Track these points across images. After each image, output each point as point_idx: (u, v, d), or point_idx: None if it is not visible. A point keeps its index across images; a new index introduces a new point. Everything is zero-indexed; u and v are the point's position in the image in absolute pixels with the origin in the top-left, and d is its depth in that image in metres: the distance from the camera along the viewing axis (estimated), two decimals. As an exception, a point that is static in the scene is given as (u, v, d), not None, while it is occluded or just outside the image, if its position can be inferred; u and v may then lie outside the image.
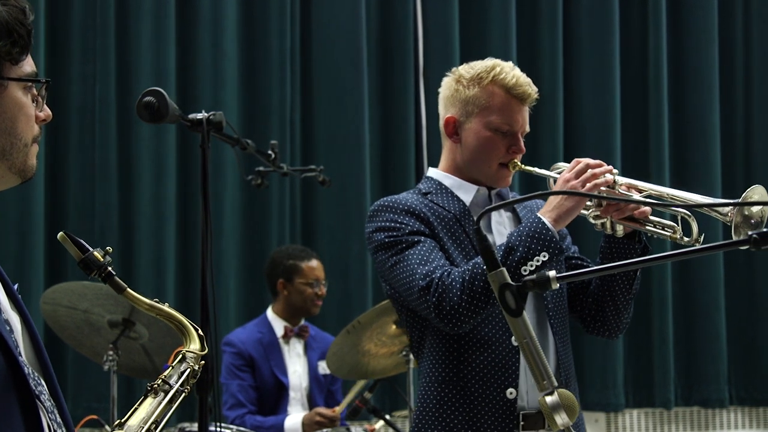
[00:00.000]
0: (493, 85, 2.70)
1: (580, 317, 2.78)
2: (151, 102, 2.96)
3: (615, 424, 6.42)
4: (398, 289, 2.64)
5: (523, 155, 2.75)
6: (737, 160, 6.66)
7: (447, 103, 2.77)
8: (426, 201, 2.71)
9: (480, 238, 1.70)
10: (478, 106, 2.70)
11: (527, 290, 1.67)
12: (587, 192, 2.53)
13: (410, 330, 2.71)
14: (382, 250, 2.66)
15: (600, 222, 2.63)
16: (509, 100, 2.70)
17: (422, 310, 2.58)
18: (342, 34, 5.98)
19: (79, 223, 5.47)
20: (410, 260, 2.59)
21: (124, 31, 5.61)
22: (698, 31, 6.59)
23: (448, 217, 2.69)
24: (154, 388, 1.71)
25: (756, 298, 6.57)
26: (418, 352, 2.71)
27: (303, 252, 4.92)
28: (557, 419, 1.64)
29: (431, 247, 2.61)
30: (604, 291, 2.70)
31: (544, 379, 1.66)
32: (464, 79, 2.73)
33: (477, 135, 2.71)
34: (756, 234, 1.58)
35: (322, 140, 5.96)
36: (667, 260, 1.64)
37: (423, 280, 2.54)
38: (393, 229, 2.65)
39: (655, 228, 2.58)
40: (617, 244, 2.65)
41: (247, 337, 4.78)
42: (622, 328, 2.76)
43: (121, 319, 3.87)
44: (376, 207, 2.72)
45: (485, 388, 2.59)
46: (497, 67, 2.72)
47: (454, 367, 2.61)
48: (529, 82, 2.73)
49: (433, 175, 2.80)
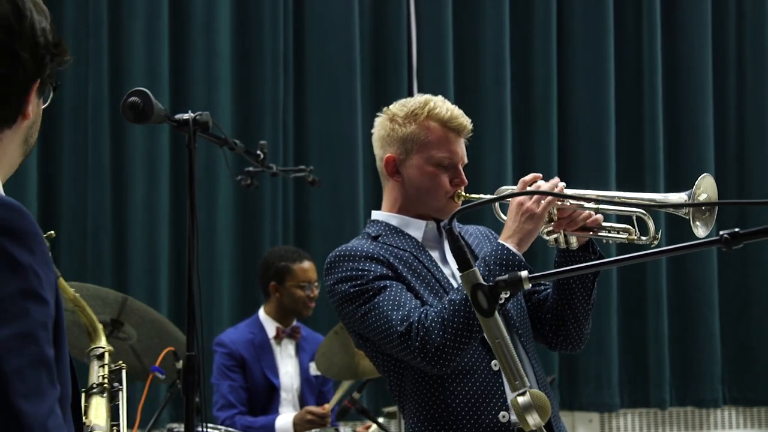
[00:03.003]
0: (429, 120, 2.68)
1: (541, 334, 2.77)
2: (136, 102, 2.95)
3: (609, 424, 6.42)
4: (374, 338, 2.59)
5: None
6: (730, 161, 6.66)
7: (384, 143, 2.75)
8: (379, 244, 2.67)
9: (452, 239, 1.70)
10: (417, 142, 2.69)
11: (499, 291, 1.67)
12: (542, 211, 2.52)
13: (387, 375, 2.66)
14: (348, 302, 2.60)
15: (553, 237, 2.62)
16: (446, 133, 2.69)
17: (405, 355, 2.53)
18: (335, 34, 5.99)
19: (71, 223, 5.48)
20: (382, 307, 2.54)
21: (117, 31, 5.61)
22: (692, 32, 6.60)
23: (405, 256, 2.65)
24: (91, 393, 1.70)
25: (750, 298, 6.58)
26: (399, 396, 2.65)
27: (295, 253, 4.91)
28: (529, 419, 1.64)
29: (399, 289, 2.57)
30: (563, 304, 2.69)
31: (516, 379, 1.66)
32: (399, 118, 2.71)
33: (420, 171, 2.69)
34: (727, 234, 1.57)
35: (315, 141, 5.96)
36: (639, 260, 1.64)
37: (401, 325, 2.49)
38: (356, 278, 2.59)
39: (609, 233, 2.58)
40: (572, 256, 2.64)
41: (238, 337, 4.78)
42: (584, 340, 2.76)
43: (109, 320, 3.86)
44: (332, 258, 2.65)
45: (477, 417, 2.55)
46: (431, 102, 2.71)
47: (442, 402, 2.57)
48: (463, 113, 2.72)
49: (378, 218, 2.76)
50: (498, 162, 6.05)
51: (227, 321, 5.49)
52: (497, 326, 1.67)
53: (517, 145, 6.25)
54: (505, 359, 1.67)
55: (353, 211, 5.79)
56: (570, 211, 2.58)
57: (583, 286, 2.67)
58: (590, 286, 2.67)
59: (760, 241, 1.60)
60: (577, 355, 6.24)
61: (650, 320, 6.35)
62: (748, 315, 6.57)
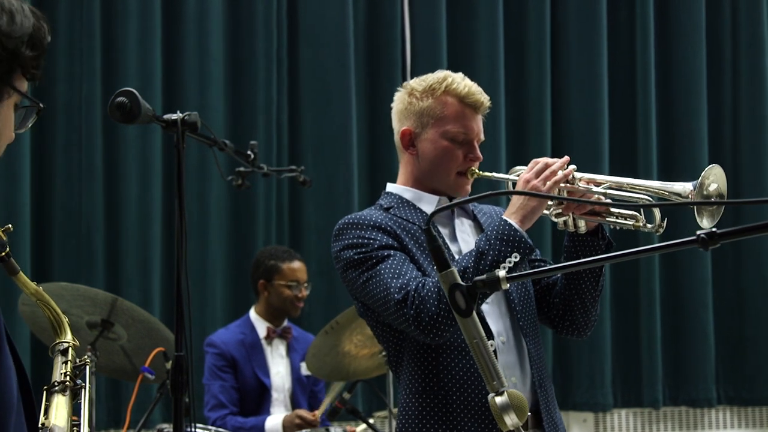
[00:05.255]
0: (446, 95, 2.72)
1: (548, 318, 2.78)
2: (124, 102, 2.95)
3: (603, 423, 6.42)
4: (372, 305, 2.62)
5: (481, 162, 2.77)
6: (725, 163, 6.64)
7: (401, 116, 2.78)
8: (389, 215, 2.70)
9: (430, 239, 1.70)
10: (433, 116, 2.71)
11: (477, 290, 1.67)
12: (548, 190, 2.53)
13: (386, 344, 2.69)
14: (351, 268, 2.64)
15: (562, 220, 2.64)
16: (463, 108, 2.72)
17: (400, 323, 2.55)
18: (329, 34, 5.98)
19: (65, 223, 5.48)
20: (383, 275, 2.56)
21: (110, 31, 5.61)
22: (686, 33, 6.59)
23: (414, 229, 2.67)
24: (53, 391, 1.69)
25: (744, 297, 6.57)
26: (396, 366, 2.68)
27: (285, 253, 4.91)
28: (506, 419, 1.64)
29: (402, 259, 2.59)
30: (571, 290, 2.70)
31: (494, 379, 1.66)
32: (417, 92, 2.74)
33: (434, 145, 2.71)
34: (704, 234, 1.57)
35: (309, 141, 5.96)
36: (616, 260, 1.64)
37: (398, 293, 2.52)
38: (361, 246, 2.62)
39: (617, 219, 2.59)
40: (581, 241, 2.65)
41: (229, 337, 4.78)
42: (591, 326, 2.76)
43: (99, 320, 3.87)
44: (341, 225, 2.69)
45: (466, 395, 2.57)
46: (449, 78, 2.74)
47: (434, 377, 2.59)
48: (481, 90, 2.76)
49: (392, 190, 2.79)
50: (492, 165, 6.02)
51: (220, 321, 5.49)
52: (475, 326, 1.67)
53: (510, 145, 6.24)
54: (482, 359, 1.66)
55: (348, 210, 5.77)
56: (579, 195, 2.59)
57: (591, 273, 2.67)
58: (598, 272, 2.68)
59: (735, 240, 1.59)
60: (571, 355, 6.24)
61: (644, 319, 6.35)
62: (742, 314, 6.56)
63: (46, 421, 1.66)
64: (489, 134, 5.99)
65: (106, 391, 5.38)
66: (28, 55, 1.54)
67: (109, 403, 5.41)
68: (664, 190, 2.51)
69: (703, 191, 2.42)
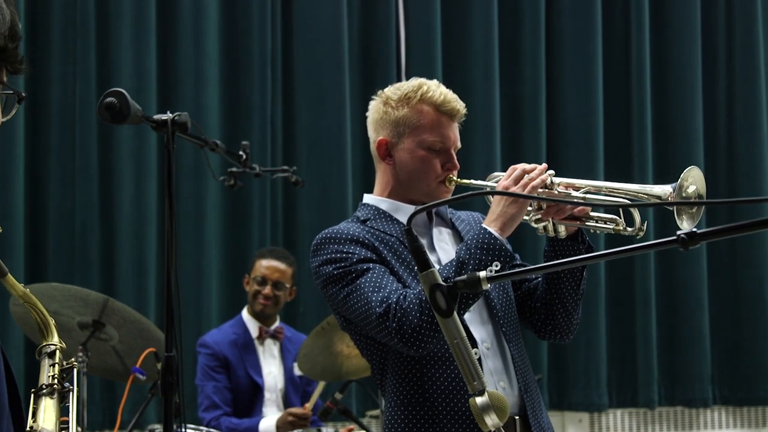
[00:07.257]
0: (422, 104, 2.68)
1: (530, 323, 2.77)
2: (113, 103, 2.95)
3: (599, 424, 6.42)
4: (354, 319, 2.60)
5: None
6: (720, 161, 6.66)
7: (377, 126, 2.75)
8: (367, 228, 2.68)
9: (411, 239, 1.69)
10: (409, 126, 2.68)
11: (458, 291, 1.66)
12: (527, 194, 2.51)
13: (370, 357, 2.68)
14: (331, 284, 2.61)
15: (542, 225, 2.62)
16: (439, 117, 2.68)
17: (383, 336, 2.54)
18: (324, 34, 5.98)
19: (59, 223, 5.48)
20: (363, 289, 2.54)
21: (105, 31, 5.61)
22: (681, 30, 6.59)
23: (392, 241, 2.66)
24: (40, 394, 1.69)
25: (739, 297, 6.57)
26: (380, 378, 2.67)
27: (271, 252, 4.92)
28: (487, 420, 1.63)
29: (382, 272, 2.57)
30: (552, 294, 2.69)
31: (474, 380, 1.66)
32: (392, 101, 2.71)
33: (411, 155, 2.68)
34: (684, 234, 1.57)
35: (304, 141, 5.95)
36: (596, 260, 1.63)
37: (380, 306, 2.50)
38: (340, 260, 2.60)
39: (597, 223, 2.57)
40: (561, 245, 2.63)
41: (221, 338, 4.77)
42: (573, 330, 2.75)
43: (91, 321, 3.87)
44: (318, 240, 2.66)
45: (452, 405, 2.56)
46: (424, 86, 2.70)
47: (419, 388, 2.58)
48: (457, 98, 2.71)
49: (369, 202, 2.76)
50: (487, 161, 6.03)
51: (215, 322, 5.49)
52: (456, 327, 1.67)
53: (505, 145, 6.24)
54: (463, 360, 1.66)
55: (342, 211, 5.78)
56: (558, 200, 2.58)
57: (571, 276, 2.66)
58: (579, 276, 2.67)
59: (718, 240, 1.59)
60: (566, 355, 6.23)
61: (639, 319, 6.35)
62: (738, 314, 6.56)
63: (34, 425, 1.65)
64: (483, 133, 6.09)
65: (101, 392, 5.38)
66: (11, 48, 1.52)
67: (105, 404, 5.41)
68: (644, 192, 2.49)
69: (683, 193, 2.40)
